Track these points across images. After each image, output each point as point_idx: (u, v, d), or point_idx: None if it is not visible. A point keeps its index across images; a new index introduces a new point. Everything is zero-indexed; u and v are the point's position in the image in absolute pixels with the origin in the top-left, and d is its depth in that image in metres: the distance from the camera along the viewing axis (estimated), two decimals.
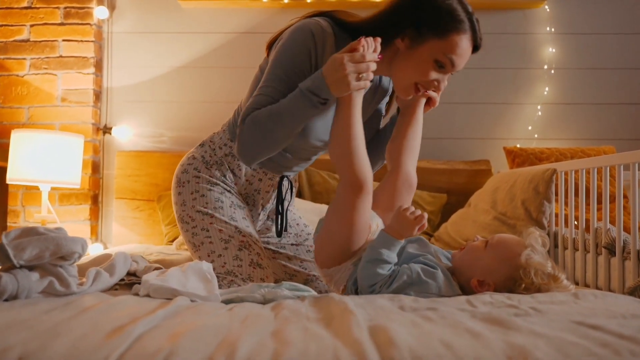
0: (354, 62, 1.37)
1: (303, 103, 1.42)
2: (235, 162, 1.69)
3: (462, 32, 1.45)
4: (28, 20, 3.23)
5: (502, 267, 1.36)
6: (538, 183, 2.39)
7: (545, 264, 1.34)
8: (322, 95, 1.41)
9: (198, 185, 1.67)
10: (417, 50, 1.46)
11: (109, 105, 3.35)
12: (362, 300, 1.23)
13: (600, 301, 1.24)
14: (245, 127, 1.46)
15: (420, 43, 1.45)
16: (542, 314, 1.08)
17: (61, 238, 1.26)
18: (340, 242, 1.44)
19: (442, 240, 2.77)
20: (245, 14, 3.36)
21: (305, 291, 1.37)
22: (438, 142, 3.35)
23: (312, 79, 1.42)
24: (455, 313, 1.06)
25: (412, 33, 1.45)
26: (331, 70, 1.39)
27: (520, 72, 3.35)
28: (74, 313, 1.05)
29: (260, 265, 1.57)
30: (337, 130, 1.43)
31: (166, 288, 1.30)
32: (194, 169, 1.70)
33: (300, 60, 1.48)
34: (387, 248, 1.37)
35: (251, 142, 1.47)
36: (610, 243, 1.97)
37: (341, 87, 1.39)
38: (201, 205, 1.65)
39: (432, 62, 1.46)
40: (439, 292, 1.34)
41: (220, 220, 1.62)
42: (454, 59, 1.46)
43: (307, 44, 1.47)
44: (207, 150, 1.72)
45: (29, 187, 3.14)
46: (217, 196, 1.66)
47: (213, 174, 1.68)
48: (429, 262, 1.40)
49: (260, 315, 1.08)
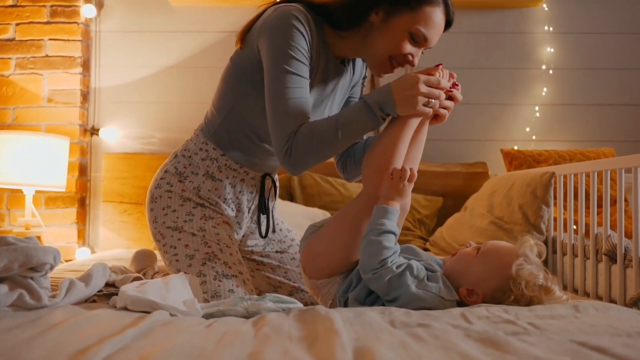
0: (429, 85, 1.40)
1: (368, 116, 1.40)
2: (214, 165, 1.60)
3: (434, 4, 1.46)
4: (13, 19, 3.15)
5: (492, 277, 1.30)
6: (536, 187, 2.32)
7: (537, 275, 1.27)
8: (386, 110, 1.40)
9: (170, 200, 1.60)
10: (391, 23, 1.46)
11: (96, 106, 3.27)
12: (351, 314, 1.16)
13: (602, 316, 1.17)
14: (301, 138, 1.40)
15: (394, 16, 1.45)
16: (541, 331, 1.01)
17: (31, 248, 1.20)
18: (340, 252, 1.40)
19: (437, 246, 2.71)
20: (237, 12, 3.29)
21: (290, 303, 1.31)
22: (433, 143, 3.27)
23: (379, 93, 1.41)
24: (448, 331, 0.99)
25: (386, 7, 1.45)
26: (402, 88, 1.39)
27: (517, 72, 3.29)
28: (38, 331, 0.99)
29: (226, 276, 1.49)
30: (382, 145, 1.43)
31: (144, 300, 1.23)
32: (166, 183, 1.62)
33: (302, 47, 1.43)
34: (385, 217, 1.33)
35: (305, 153, 1.41)
36: (611, 250, 1.90)
37: (408, 107, 1.39)
38: (171, 221, 1.58)
39: (407, 34, 1.46)
40: (439, 293, 1.30)
41: (188, 233, 1.56)
42: (427, 31, 1.46)
43: (300, 29, 1.43)
44: (181, 160, 1.64)
45: (14, 190, 3.06)
46: (189, 210, 1.59)
47: (186, 187, 1.60)
48: (429, 267, 1.38)
49: (239, 333, 1.01)
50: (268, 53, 1.43)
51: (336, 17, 1.49)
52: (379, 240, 1.31)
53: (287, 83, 1.41)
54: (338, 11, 1.48)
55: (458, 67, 3.28)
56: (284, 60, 1.41)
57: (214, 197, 1.61)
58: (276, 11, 1.45)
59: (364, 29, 1.49)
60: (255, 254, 1.75)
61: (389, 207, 1.34)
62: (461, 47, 3.29)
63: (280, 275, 1.75)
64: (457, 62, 3.29)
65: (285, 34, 1.42)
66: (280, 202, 2.82)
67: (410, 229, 2.86)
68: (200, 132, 1.65)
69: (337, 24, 1.50)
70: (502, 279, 1.29)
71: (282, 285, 1.72)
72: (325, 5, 1.50)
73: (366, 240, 1.34)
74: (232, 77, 1.55)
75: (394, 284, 1.29)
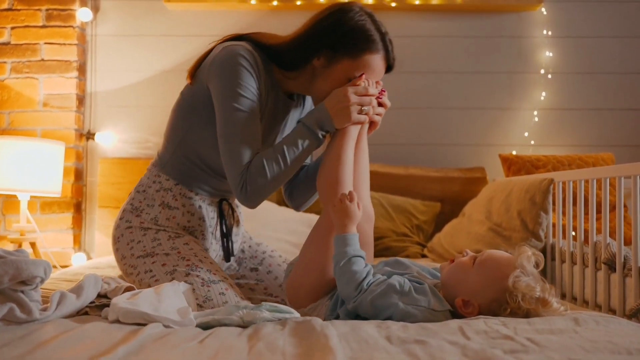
0: (358, 94, 1.47)
1: (309, 136, 1.48)
2: (169, 195, 1.62)
3: (374, 51, 1.50)
4: (8, 23, 3.13)
5: (488, 288, 1.29)
6: (535, 193, 2.30)
7: (534, 288, 1.26)
8: (325, 127, 1.48)
9: (132, 234, 1.61)
10: (332, 69, 1.51)
11: (92, 111, 3.25)
12: (347, 328, 1.15)
13: (602, 330, 1.15)
14: (253, 171, 1.46)
15: (335, 63, 1.51)
16: (540, 348, 0.99)
17: (21, 261, 1.18)
18: (317, 273, 1.43)
19: (435, 252, 2.69)
20: (233, 16, 3.26)
21: (287, 312, 1.29)
22: (431, 148, 3.27)
23: (314, 112, 1.49)
24: (445, 350, 0.97)
25: (327, 53, 1.51)
26: (334, 102, 1.47)
27: (516, 76, 3.27)
28: (28, 349, 0.97)
29: (213, 282, 1.49)
30: (329, 160, 1.48)
31: (136, 312, 1.21)
32: (125, 221, 1.64)
33: (250, 85, 1.49)
34: (345, 245, 1.35)
35: (260, 184, 1.46)
36: (610, 258, 1.89)
37: (343, 118, 1.47)
38: (140, 250, 1.58)
39: (346, 81, 1.51)
40: (428, 305, 1.29)
41: (161, 254, 1.56)
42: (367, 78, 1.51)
43: (247, 67, 1.48)
44: (136, 196, 1.66)
45: (8, 195, 3.03)
46: (153, 236, 1.60)
47: (144, 219, 1.62)
48: (415, 279, 1.37)
49: (232, 350, 1.00)
50: (218, 92, 1.49)
51: (281, 59, 1.55)
52: (347, 268, 1.33)
53: (237, 121, 1.46)
54: (283, 53, 1.54)
55: (456, 71, 3.26)
56: (233, 99, 1.46)
57: (173, 225, 1.62)
58: (224, 50, 1.50)
59: (308, 71, 1.55)
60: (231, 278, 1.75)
61: (345, 234, 1.36)
62: (459, 51, 3.27)
63: (260, 292, 1.75)
64: (456, 66, 3.27)
65: (233, 73, 1.47)
66: (276, 208, 2.81)
67: (407, 234, 2.84)
68: (152, 167, 1.69)
69: (283, 65, 1.55)
70: (498, 290, 1.27)
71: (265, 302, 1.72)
72: (270, 46, 1.56)
73: (336, 272, 1.35)
74: (183, 110, 1.60)
75: (379, 306, 1.29)
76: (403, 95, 3.26)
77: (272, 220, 2.65)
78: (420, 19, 3.27)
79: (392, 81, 3.26)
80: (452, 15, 3.26)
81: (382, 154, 3.19)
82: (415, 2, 3.15)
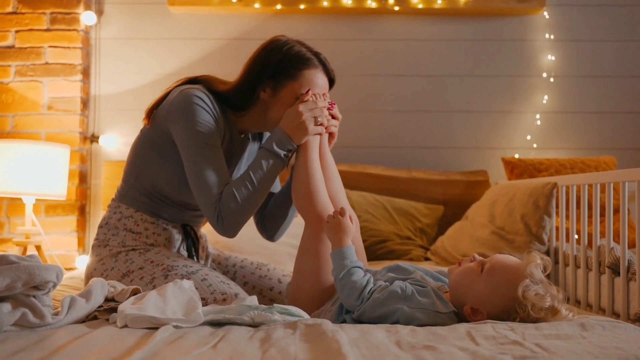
0: (309, 108, 1.55)
1: (272, 159, 1.56)
2: (130, 221, 1.69)
3: (312, 67, 1.60)
4: (13, 26, 3.14)
5: (497, 298, 1.29)
6: (538, 197, 2.32)
7: (543, 297, 1.26)
8: (286, 146, 1.56)
9: (104, 266, 1.67)
10: (279, 96, 1.60)
11: (96, 114, 3.26)
12: (357, 334, 1.16)
13: (609, 336, 1.17)
14: (225, 201, 1.52)
15: (280, 89, 1.60)
16: (549, 354, 1.00)
17: (34, 267, 1.20)
18: (311, 279, 1.48)
19: (438, 255, 2.70)
20: (237, 20, 3.28)
21: (297, 315, 1.31)
22: (434, 151, 3.28)
23: (272, 136, 1.57)
24: (455, 355, 0.98)
25: (270, 83, 1.60)
26: (289, 121, 1.55)
27: (518, 80, 3.28)
28: (44, 355, 0.99)
29: (192, 273, 1.57)
30: (298, 175, 1.55)
31: (144, 317, 1.23)
32: (95, 255, 1.70)
33: (208, 121, 1.56)
34: (343, 258, 1.39)
35: (234, 213, 1.53)
36: (614, 262, 1.90)
37: (300, 133, 1.55)
38: (116, 275, 1.64)
39: (295, 101, 1.59)
40: (433, 308, 1.31)
41: (136, 271, 1.62)
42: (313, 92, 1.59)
43: (202, 106, 1.56)
44: (100, 231, 1.72)
45: (13, 198, 3.04)
46: (124, 258, 1.66)
47: (112, 247, 1.68)
48: (418, 283, 1.38)
49: (245, 356, 1.01)
50: (179, 134, 1.56)
51: (232, 102, 1.63)
52: (347, 280, 1.36)
53: (202, 157, 1.53)
54: (232, 97, 1.62)
55: (459, 74, 3.28)
56: (195, 138, 1.54)
57: (140, 243, 1.68)
58: (180, 94, 1.58)
59: (258, 106, 1.64)
60: None
61: (341, 248, 1.41)
62: (462, 54, 3.29)
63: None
64: (458, 69, 3.28)
65: (191, 113, 1.54)
66: None
67: (411, 238, 2.86)
68: (112, 202, 1.76)
69: (234, 107, 1.64)
70: (507, 300, 1.28)
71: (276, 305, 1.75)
72: (220, 92, 1.63)
73: (337, 285, 1.39)
74: (142, 147, 1.68)
75: (383, 313, 1.31)
76: (405, 98, 3.28)
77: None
78: (423, 22, 3.28)
79: (396, 84, 3.31)
80: (455, 19, 3.28)
81: (385, 157, 3.21)
82: (418, 6, 3.17)
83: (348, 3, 3.16)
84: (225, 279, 1.61)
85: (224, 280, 1.58)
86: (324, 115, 1.59)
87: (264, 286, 1.80)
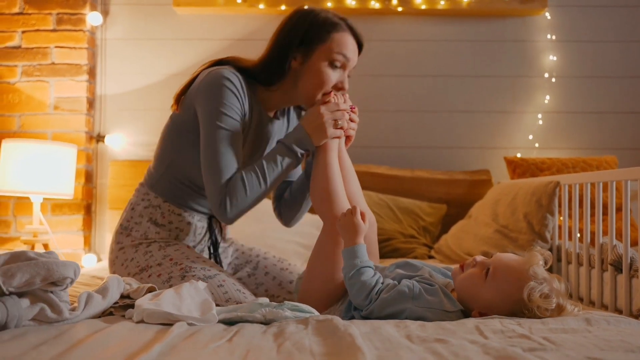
0: (330, 110, 1.57)
1: (288, 155, 1.56)
2: (157, 212, 1.69)
3: (340, 30, 1.60)
4: (19, 27, 3.16)
5: (503, 302, 1.33)
6: (541, 196, 2.35)
7: (549, 299, 1.28)
8: (304, 145, 1.57)
9: (124, 255, 1.69)
10: (310, 61, 1.60)
11: (102, 113, 3.29)
12: (368, 328, 1.18)
13: (614, 330, 1.20)
14: (232, 189, 1.52)
15: (310, 54, 1.60)
16: (557, 347, 1.03)
17: (52, 263, 1.22)
18: (325, 282, 1.50)
19: (442, 253, 2.73)
20: (241, 21, 3.31)
21: (307, 312, 1.34)
22: (437, 151, 3.31)
23: (293, 133, 1.58)
24: (466, 348, 1.01)
25: (300, 50, 1.60)
26: (310, 121, 1.57)
27: (520, 80, 3.31)
28: (65, 348, 1.01)
29: (210, 277, 1.57)
30: (317, 177, 1.57)
31: (160, 313, 1.25)
32: (116, 243, 1.72)
33: (234, 104, 1.56)
34: (354, 257, 1.41)
35: (239, 201, 1.53)
36: (617, 260, 1.93)
37: (320, 134, 1.56)
38: (135, 267, 1.66)
39: (327, 65, 1.60)
40: (441, 307, 1.33)
41: (154, 266, 1.63)
42: (344, 52, 1.60)
43: (231, 88, 1.56)
44: (125, 215, 1.73)
45: (20, 197, 3.07)
46: (144, 250, 1.67)
47: (134, 237, 1.69)
48: (426, 280, 1.40)
49: (262, 350, 1.03)
50: (203, 113, 1.56)
51: (262, 76, 1.63)
52: (357, 279, 1.38)
53: (220, 138, 1.53)
54: (261, 71, 1.62)
55: (461, 74, 3.31)
56: (217, 117, 1.54)
57: (163, 236, 1.69)
58: (209, 74, 1.58)
59: (289, 77, 1.63)
60: None
61: (353, 246, 1.42)
62: (465, 54, 3.32)
63: (261, 295, 1.80)
64: (461, 69, 3.31)
65: (218, 94, 1.54)
66: None
67: (414, 236, 2.89)
68: (140, 186, 1.77)
69: (265, 82, 1.64)
70: (514, 303, 1.31)
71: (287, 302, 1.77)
72: (249, 68, 1.64)
73: (347, 284, 1.41)
74: (172, 133, 1.67)
75: (392, 312, 1.33)
76: (408, 98, 3.30)
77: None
78: (426, 23, 3.31)
79: (399, 84, 3.33)
80: (458, 20, 3.31)
81: (389, 157, 3.24)
82: (421, 6, 3.20)
83: (352, 4, 3.19)
84: (242, 287, 1.61)
85: (240, 289, 1.58)
86: (345, 119, 1.60)
87: (284, 278, 1.82)
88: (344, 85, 1.65)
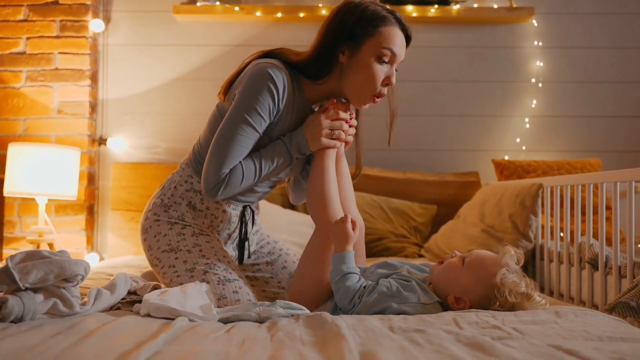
0: (329, 119, 1.62)
1: (284, 155, 1.62)
2: (197, 197, 1.72)
3: (389, 24, 1.59)
4: (24, 33, 3.26)
5: (478, 286, 1.43)
6: (525, 197, 2.44)
7: (519, 284, 1.41)
8: (302, 149, 1.63)
9: (159, 227, 1.72)
10: (358, 56, 1.60)
11: (104, 117, 3.39)
12: (354, 320, 1.28)
13: (579, 321, 1.29)
14: (230, 179, 1.58)
15: (359, 49, 1.59)
16: (523, 336, 1.13)
17: (64, 261, 1.30)
18: (314, 283, 1.57)
19: (432, 252, 2.83)
20: (240, 27, 3.40)
21: (299, 309, 1.43)
22: (429, 153, 3.41)
23: (295, 135, 1.63)
24: (441, 337, 1.12)
25: (349, 45, 1.59)
26: (310, 127, 1.62)
27: (508, 85, 3.41)
28: (79, 338, 1.09)
29: (229, 280, 1.61)
30: (313, 180, 1.63)
31: (166, 307, 1.35)
32: (153, 214, 1.74)
33: (267, 103, 1.57)
34: (342, 262, 1.49)
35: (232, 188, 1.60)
36: (593, 258, 2.04)
37: (315, 142, 1.62)
38: (166, 244, 1.69)
39: (375, 60, 1.59)
40: (418, 301, 1.43)
41: (184, 250, 1.66)
42: (392, 47, 1.59)
43: (271, 87, 1.56)
44: (166, 192, 1.76)
45: (25, 198, 3.17)
46: (179, 231, 1.70)
47: (172, 215, 1.72)
48: (402, 277, 1.51)
49: (257, 339, 1.13)
50: (238, 100, 1.58)
51: (310, 71, 1.63)
52: (342, 284, 1.48)
53: (240, 132, 1.56)
54: (310, 66, 1.62)
55: (452, 80, 3.41)
56: (248, 111, 1.56)
57: (198, 223, 1.73)
58: (255, 67, 1.59)
59: (336, 71, 1.63)
60: (247, 270, 1.87)
61: (342, 252, 1.51)
62: (455, 60, 3.42)
63: (274, 286, 1.86)
64: (451, 75, 3.41)
65: (258, 89, 1.56)
66: (282, 211, 2.95)
67: (406, 236, 2.98)
68: (186, 166, 1.76)
69: (312, 75, 1.64)
70: (487, 287, 1.42)
71: (278, 296, 1.82)
72: (296, 63, 1.64)
73: (333, 287, 1.50)
74: (216, 122, 1.68)
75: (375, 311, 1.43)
76: (401, 103, 3.34)
77: (278, 223, 2.79)
78: (418, 30, 3.34)
79: None
80: (448, 27, 3.41)
81: (382, 159, 3.33)
82: (412, 14, 3.30)
83: None
84: (254, 297, 1.65)
85: (251, 299, 1.61)
86: (342, 129, 1.64)
87: None
88: (391, 80, 1.63)
